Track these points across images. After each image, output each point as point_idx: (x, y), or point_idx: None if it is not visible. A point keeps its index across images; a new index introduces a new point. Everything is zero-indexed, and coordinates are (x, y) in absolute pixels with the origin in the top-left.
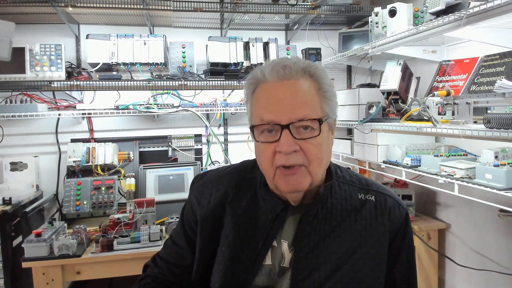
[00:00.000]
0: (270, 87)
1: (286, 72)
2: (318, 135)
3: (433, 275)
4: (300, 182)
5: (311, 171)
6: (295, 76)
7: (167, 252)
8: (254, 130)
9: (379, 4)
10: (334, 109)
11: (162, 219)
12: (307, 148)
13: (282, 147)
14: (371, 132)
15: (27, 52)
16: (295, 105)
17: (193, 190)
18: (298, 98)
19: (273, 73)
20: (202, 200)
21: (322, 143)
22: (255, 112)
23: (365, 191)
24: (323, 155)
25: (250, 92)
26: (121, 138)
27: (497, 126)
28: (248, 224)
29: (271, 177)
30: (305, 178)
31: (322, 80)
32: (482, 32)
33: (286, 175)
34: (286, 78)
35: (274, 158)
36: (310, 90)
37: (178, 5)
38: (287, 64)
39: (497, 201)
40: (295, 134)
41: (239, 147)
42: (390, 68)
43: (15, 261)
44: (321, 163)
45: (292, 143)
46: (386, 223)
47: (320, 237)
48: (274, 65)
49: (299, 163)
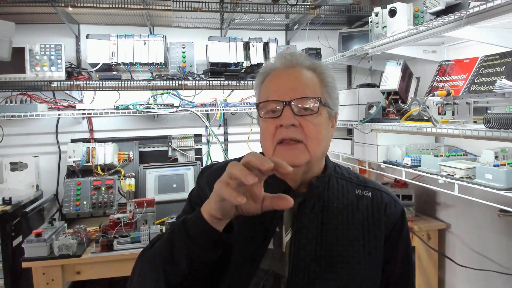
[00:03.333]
0: (277, 73)
1: (292, 59)
2: (316, 113)
3: (433, 275)
4: (297, 156)
5: (309, 148)
6: (300, 65)
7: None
8: (259, 109)
9: (379, 4)
10: (334, 101)
11: (162, 219)
12: (306, 125)
13: (283, 120)
14: (371, 132)
15: (27, 52)
16: (298, 87)
17: (204, 177)
18: (301, 81)
19: (281, 60)
20: (213, 184)
21: (321, 125)
22: (263, 94)
23: (362, 187)
24: (321, 135)
25: (260, 82)
26: (121, 138)
27: (497, 126)
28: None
29: (271, 154)
30: (303, 153)
31: (325, 74)
32: (482, 32)
33: (285, 149)
34: (292, 65)
35: (275, 133)
36: (312, 78)
37: (178, 5)
38: (294, 54)
39: (497, 201)
40: (296, 112)
41: (239, 147)
42: (390, 68)
43: (15, 261)
44: (319, 142)
45: (292, 117)
46: (383, 218)
47: (318, 229)
48: (282, 54)
49: (297, 138)
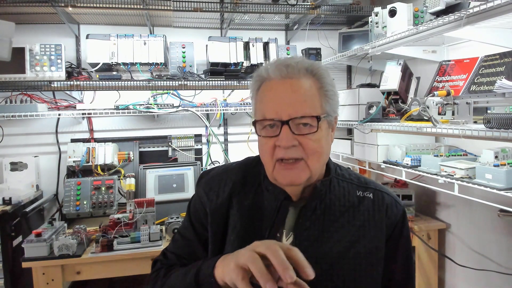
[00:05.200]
0: (273, 84)
1: (288, 71)
2: (316, 132)
3: (433, 275)
4: (297, 176)
5: (309, 165)
6: (297, 75)
7: (177, 245)
8: (256, 125)
9: (379, 4)
10: (334, 107)
11: (162, 219)
12: (306, 143)
13: (282, 141)
14: (371, 132)
15: (27, 52)
16: (296, 102)
17: (201, 185)
18: (299, 96)
19: (277, 71)
20: (210, 193)
21: (320, 139)
22: (259, 108)
23: (363, 188)
24: (322, 150)
25: (255, 89)
26: (121, 138)
27: (497, 126)
28: (255, 215)
29: (271, 170)
30: (303, 171)
31: (324, 79)
32: (482, 32)
33: (285, 169)
34: (288, 76)
35: (274, 151)
36: (311, 89)
37: (178, 5)
38: (290, 64)
39: (497, 201)
40: (295, 130)
41: (239, 147)
42: (390, 68)
43: (15, 261)
44: (319, 158)
45: (291, 138)
46: (384, 219)
47: (319, 231)
48: (277, 64)
49: (297, 156)
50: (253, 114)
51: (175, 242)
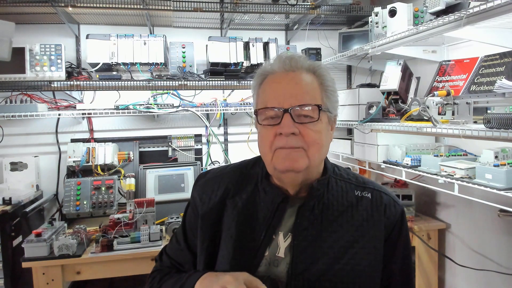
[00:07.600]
0: (276, 77)
1: (292, 63)
2: (317, 121)
3: (433, 275)
4: (296, 161)
5: (309, 155)
6: (300, 69)
7: (172, 249)
8: (258, 115)
9: (379, 4)
10: (334, 105)
11: (162, 219)
12: (306, 133)
13: (283, 128)
14: (371, 132)
15: (27, 52)
16: (298, 93)
17: (196, 187)
18: (301, 87)
19: (280, 64)
20: (203, 196)
21: (321, 131)
22: (261, 99)
23: (362, 188)
24: (322, 142)
25: (257, 84)
26: (121, 138)
27: (497, 126)
28: (249, 216)
29: (269, 160)
30: (303, 158)
31: (325, 77)
32: (482, 32)
33: (284, 154)
34: (291, 69)
35: (274, 140)
36: (312, 83)
37: (178, 5)
38: (293, 57)
39: (497, 201)
40: (296, 119)
41: (239, 147)
42: (390, 68)
43: (15, 261)
44: (319, 149)
45: (292, 125)
46: (382, 219)
47: (318, 231)
48: (281, 57)
49: (297, 145)
50: (255, 106)
51: (171, 244)
